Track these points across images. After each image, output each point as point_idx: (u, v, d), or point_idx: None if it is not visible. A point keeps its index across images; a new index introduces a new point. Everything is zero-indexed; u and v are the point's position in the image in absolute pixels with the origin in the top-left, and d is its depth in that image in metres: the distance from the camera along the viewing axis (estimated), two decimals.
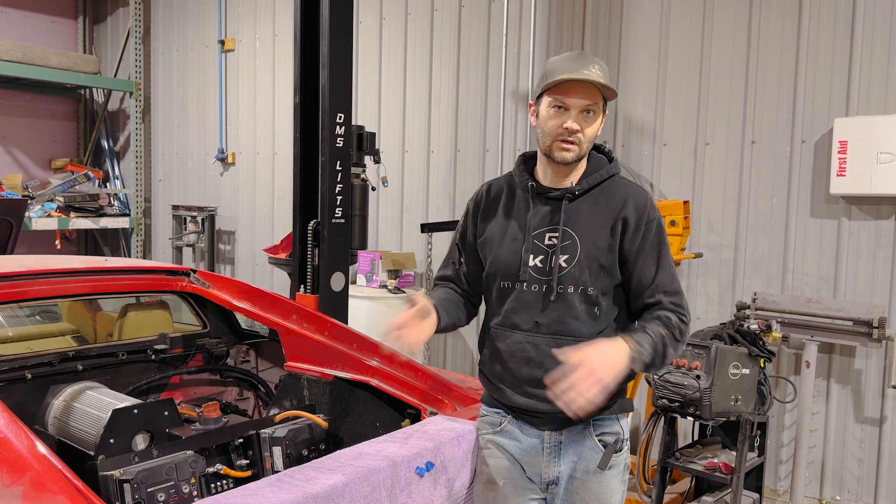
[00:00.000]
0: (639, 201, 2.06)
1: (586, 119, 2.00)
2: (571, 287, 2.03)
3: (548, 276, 2.04)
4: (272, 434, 2.44)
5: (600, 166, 2.12)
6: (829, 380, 4.29)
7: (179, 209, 7.35)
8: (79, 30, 8.45)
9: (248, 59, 6.97)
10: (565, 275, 2.03)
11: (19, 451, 1.76)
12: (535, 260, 2.07)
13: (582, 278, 2.02)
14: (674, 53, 4.72)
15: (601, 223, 2.04)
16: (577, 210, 2.06)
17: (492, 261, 2.14)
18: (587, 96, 1.98)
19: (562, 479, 2.10)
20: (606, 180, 2.09)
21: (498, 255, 2.12)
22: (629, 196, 2.07)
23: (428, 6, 5.78)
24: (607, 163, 2.14)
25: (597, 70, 1.97)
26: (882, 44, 4.06)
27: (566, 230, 2.04)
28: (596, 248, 2.03)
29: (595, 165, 2.12)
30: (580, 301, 2.03)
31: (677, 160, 4.75)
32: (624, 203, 2.05)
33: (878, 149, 3.96)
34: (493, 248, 2.14)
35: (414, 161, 5.92)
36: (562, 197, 2.06)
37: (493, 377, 2.17)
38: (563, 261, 2.03)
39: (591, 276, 2.02)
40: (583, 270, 2.02)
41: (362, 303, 4.89)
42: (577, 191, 2.06)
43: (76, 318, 3.51)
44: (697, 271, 4.70)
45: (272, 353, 3.33)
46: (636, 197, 2.07)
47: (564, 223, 2.04)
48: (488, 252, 2.15)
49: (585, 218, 2.05)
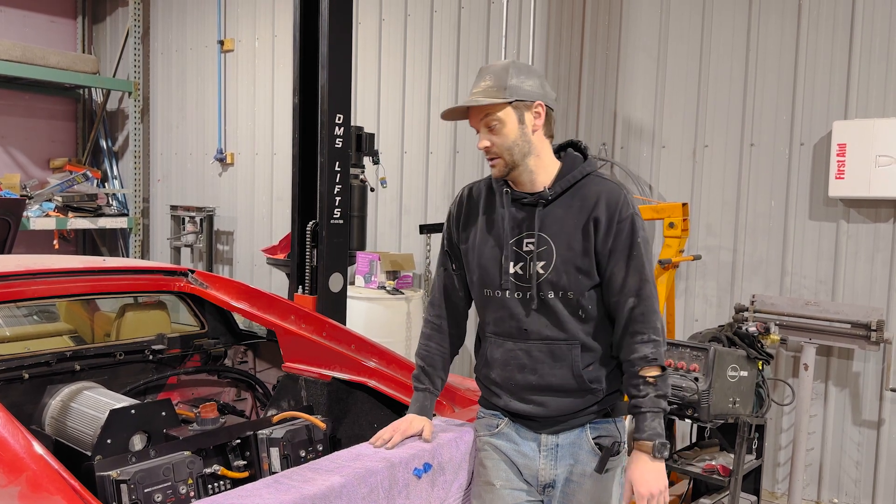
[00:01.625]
0: (611, 200, 2.02)
1: (493, 131, 2.02)
2: (552, 292, 2.03)
3: (528, 283, 2.04)
4: (270, 435, 2.44)
5: (574, 166, 2.08)
6: (827, 382, 4.30)
7: (178, 209, 7.35)
8: (78, 30, 8.45)
9: (247, 60, 6.97)
10: (544, 281, 2.02)
11: (16, 451, 1.75)
12: (515, 267, 2.07)
13: (561, 283, 2.02)
14: (673, 55, 4.72)
15: (574, 225, 2.02)
16: (552, 214, 2.04)
17: (474, 268, 2.14)
18: (478, 113, 2.03)
19: (558, 482, 2.11)
20: (580, 181, 2.06)
21: (480, 263, 2.12)
22: (601, 194, 2.03)
23: (427, 7, 5.78)
24: (582, 161, 2.10)
25: (485, 84, 2.01)
26: (881, 47, 4.06)
27: (541, 235, 2.04)
28: (571, 251, 2.02)
29: (568, 166, 2.08)
30: (563, 305, 2.03)
31: (676, 162, 4.75)
32: (596, 202, 2.02)
33: (877, 152, 3.96)
34: (475, 255, 2.14)
35: (413, 162, 5.92)
36: (535, 203, 2.05)
37: (489, 383, 2.17)
38: (541, 267, 2.03)
39: (570, 280, 2.01)
40: (560, 275, 2.01)
41: (360, 304, 4.89)
42: (549, 196, 2.04)
43: (74, 318, 3.51)
44: (696, 273, 4.70)
45: (270, 353, 3.32)
46: (609, 195, 2.03)
47: (539, 229, 2.04)
48: (471, 259, 2.16)
49: (559, 222, 2.03)
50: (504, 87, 1.99)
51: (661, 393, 2.00)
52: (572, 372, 2.04)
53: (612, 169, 4.95)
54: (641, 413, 1.99)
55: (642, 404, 1.99)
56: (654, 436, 1.98)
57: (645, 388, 1.99)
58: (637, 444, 2.00)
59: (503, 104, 1.99)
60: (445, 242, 2.28)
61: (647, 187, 4.83)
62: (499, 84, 1.99)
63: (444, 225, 2.29)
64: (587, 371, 2.05)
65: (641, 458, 1.99)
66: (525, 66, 2.06)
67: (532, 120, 2.02)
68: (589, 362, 2.05)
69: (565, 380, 2.05)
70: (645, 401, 1.99)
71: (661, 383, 2.00)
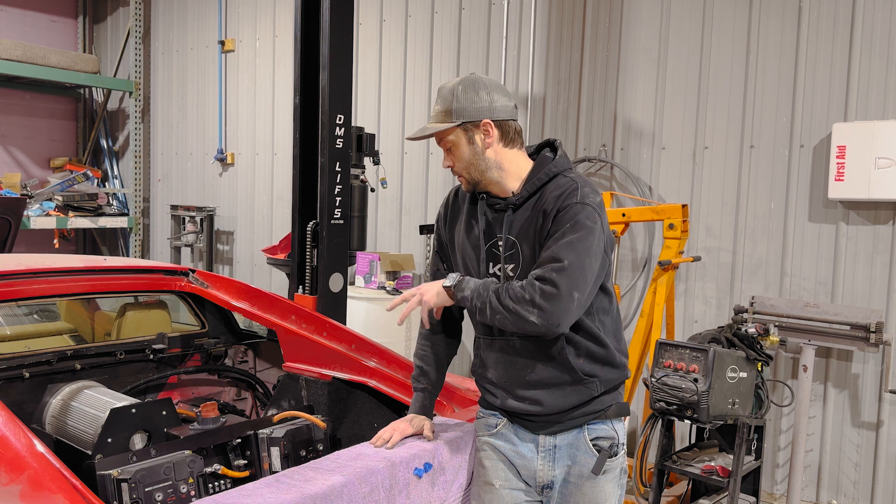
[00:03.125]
0: (563, 192, 1.99)
1: (450, 153, 2.10)
2: None
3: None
4: (270, 434, 2.44)
5: (541, 169, 2.08)
6: (826, 384, 4.30)
7: (178, 209, 7.35)
8: (79, 29, 8.45)
9: (248, 60, 6.98)
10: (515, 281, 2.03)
11: (17, 449, 1.76)
12: (493, 268, 2.12)
13: None
14: (673, 57, 4.73)
15: (534, 227, 2.03)
16: (519, 217, 2.07)
17: (460, 270, 2.20)
18: (437, 140, 2.10)
19: (556, 483, 2.12)
20: (547, 183, 2.05)
21: (463, 264, 2.19)
22: (556, 189, 2.02)
23: (428, 8, 5.79)
24: (551, 162, 2.08)
25: (437, 108, 2.08)
26: (880, 49, 4.07)
27: (510, 238, 2.08)
28: (533, 251, 2.04)
29: (536, 169, 2.09)
30: None
31: (676, 164, 4.76)
32: (547, 198, 2.01)
33: (876, 154, 3.97)
34: (459, 256, 2.20)
35: (413, 163, 5.92)
36: (505, 208, 2.09)
37: (486, 382, 2.21)
38: (510, 269, 2.08)
39: None
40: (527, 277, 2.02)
41: (360, 304, 4.89)
42: (515, 201, 2.07)
43: (74, 318, 3.51)
44: (696, 275, 4.71)
45: (270, 353, 3.33)
46: (563, 188, 2.01)
47: (507, 232, 2.08)
48: (457, 260, 2.22)
49: (524, 224, 2.06)
50: (450, 111, 2.04)
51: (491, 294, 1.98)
52: (562, 364, 2.05)
53: (612, 170, 4.96)
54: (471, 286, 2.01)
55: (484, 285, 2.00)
56: (460, 291, 2.02)
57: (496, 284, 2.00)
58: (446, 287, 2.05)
59: (450, 129, 2.05)
60: (435, 243, 2.35)
61: (647, 189, 4.83)
62: (446, 108, 2.05)
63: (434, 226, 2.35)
64: (578, 363, 2.06)
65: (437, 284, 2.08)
66: (474, 83, 2.05)
67: (482, 138, 2.06)
68: (577, 354, 2.06)
69: (556, 372, 2.06)
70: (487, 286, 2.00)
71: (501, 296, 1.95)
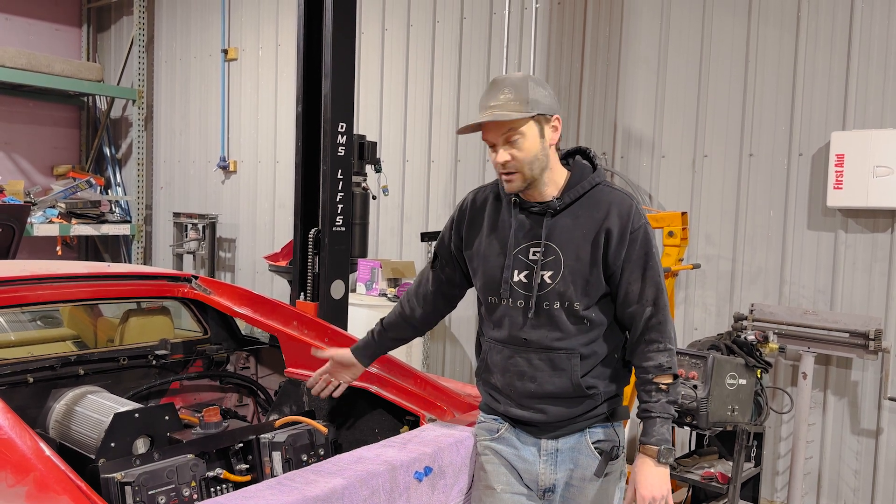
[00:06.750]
0: (622, 210, 2.01)
1: (514, 146, 1.97)
2: (557, 303, 2.02)
3: (531, 292, 2.03)
4: (272, 439, 2.45)
5: (583, 176, 2.06)
6: (825, 391, 4.31)
7: (180, 216, 7.38)
8: (83, 38, 8.51)
9: (250, 69, 7.02)
10: (550, 290, 2.02)
11: (24, 452, 1.78)
12: (519, 275, 2.05)
13: (567, 294, 2.01)
14: (673, 66, 4.76)
15: (583, 236, 2.01)
16: (560, 224, 2.03)
17: (479, 275, 2.14)
18: (498, 128, 1.96)
19: (558, 487, 2.13)
20: (589, 191, 2.04)
21: (485, 270, 2.12)
22: (612, 205, 2.01)
23: (430, 18, 5.83)
24: (591, 171, 2.08)
25: (504, 97, 1.94)
26: (878, 58, 4.10)
27: (549, 245, 2.02)
28: (580, 262, 2.00)
29: (578, 176, 2.07)
30: (566, 315, 2.02)
31: (676, 172, 4.78)
32: (607, 213, 2.00)
33: (875, 162, 3.99)
34: (481, 262, 2.13)
35: (415, 170, 5.95)
36: (543, 212, 2.04)
37: (490, 388, 2.19)
38: (548, 277, 2.02)
39: (577, 291, 2.01)
40: (567, 286, 2.01)
41: (362, 311, 4.91)
42: (557, 206, 2.03)
43: (77, 324, 3.53)
44: (695, 282, 4.73)
45: (272, 359, 3.34)
46: (620, 206, 2.01)
47: (546, 238, 2.02)
48: (477, 266, 2.15)
49: (568, 231, 2.02)
50: (526, 101, 1.95)
51: (672, 399, 2.03)
52: (571, 381, 2.05)
53: (613, 178, 4.98)
54: (651, 418, 2.02)
55: (653, 409, 2.01)
56: (661, 441, 2.00)
57: (657, 395, 2.02)
58: (643, 447, 2.02)
59: (526, 118, 1.96)
60: (438, 243, 2.30)
61: (647, 197, 4.86)
62: (520, 97, 1.94)
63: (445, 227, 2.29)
64: (585, 379, 2.06)
65: (646, 462, 2.01)
66: (540, 79, 2.04)
67: (551, 134, 2.02)
68: (588, 370, 2.06)
69: (563, 388, 2.06)
70: (656, 406, 2.01)
71: (673, 391, 2.03)
